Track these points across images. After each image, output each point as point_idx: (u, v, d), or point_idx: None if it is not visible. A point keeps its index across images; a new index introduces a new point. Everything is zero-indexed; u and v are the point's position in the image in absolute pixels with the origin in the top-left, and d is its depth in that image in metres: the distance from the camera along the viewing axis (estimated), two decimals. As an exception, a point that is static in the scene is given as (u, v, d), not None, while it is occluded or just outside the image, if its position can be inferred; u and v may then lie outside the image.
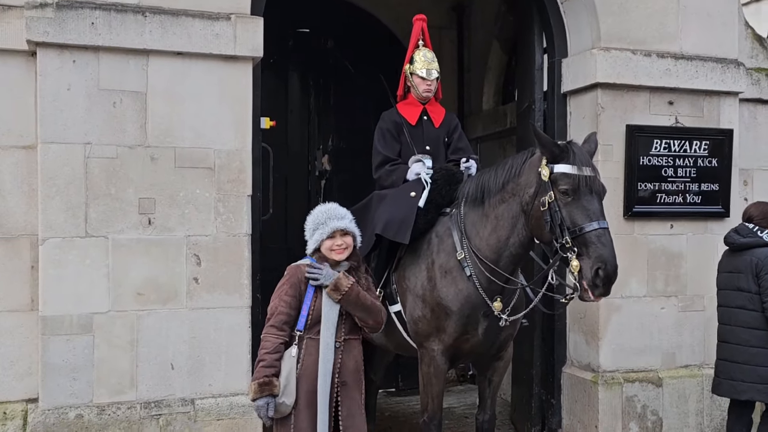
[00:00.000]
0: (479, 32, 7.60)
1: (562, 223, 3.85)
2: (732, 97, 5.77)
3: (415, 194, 4.54)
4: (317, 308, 3.63)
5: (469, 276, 4.24)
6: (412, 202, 4.51)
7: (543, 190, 3.93)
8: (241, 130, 4.70)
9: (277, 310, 3.62)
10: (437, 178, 4.60)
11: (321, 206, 3.82)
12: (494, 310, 4.22)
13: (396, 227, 4.45)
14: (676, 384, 5.60)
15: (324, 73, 7.30)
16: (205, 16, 4.58)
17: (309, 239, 3.76)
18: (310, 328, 3.63)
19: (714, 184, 5.70)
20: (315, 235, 3.73)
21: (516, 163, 4.21)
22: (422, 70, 4.87)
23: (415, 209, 4.47)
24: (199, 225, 4.61)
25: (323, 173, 7.31)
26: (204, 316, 4.63)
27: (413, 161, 4.75)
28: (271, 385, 3.53)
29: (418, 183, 4.62)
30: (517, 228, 4.15)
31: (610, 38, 5.44)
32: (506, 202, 4.18)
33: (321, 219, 3.72)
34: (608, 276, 3.74)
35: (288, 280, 3.68)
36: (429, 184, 4.56)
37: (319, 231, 3.70)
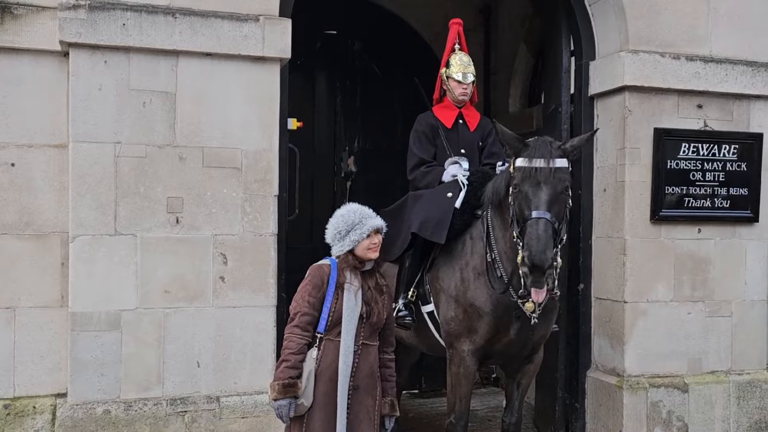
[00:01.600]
0: (506, 35, 7.59)
1: (514, 216, 3.91)
2: (762, 100, 5.70)
3: (452, 195, 4.57)
4: (338, 310, 3.60)
5: (500, 276, 4.23)
6: (449, 203, 4.53)
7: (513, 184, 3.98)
8: (268, 131, 4.74)
9: (301, 311, 3.60)
10: (474, 180, 4.62)
11: (346, 207, 3.78)
12: (526, 311, 4.19)
13: (432, 227, 4.47)
14: (702, 390, 5.54)
15: (351, 75, 7.33)
16: (234, 18, 4.62)
17: (339, 241, 3.69)
18: (330, 329, 3.60)
19: (743, 188, 5.64)
20: (352, 236, 3.66)
21: None
22: (458, 73, 4.92)
23: (452, 210, 4.49)
24: (226, 224, 4.66)
25: (349, 174, 7.34)
26: (230, 315, 4.67)
27: (449, 163, 4.78)
28: (295, 387, 3.52)
29: (455, 184, 4.64)
30: None
31: (639, 41, 5.41)
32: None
33: (355, 219, 3.67)
34: (534, 264, 3.69)
35: (311, 280, 3.65)
36: (466, 185, 4.57)
37: (357, 231, 3.65)
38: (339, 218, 3.72)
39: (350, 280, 3.65)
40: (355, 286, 3.65)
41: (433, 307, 4.56)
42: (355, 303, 3.61)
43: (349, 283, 3.64)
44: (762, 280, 5.73)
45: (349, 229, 3.67)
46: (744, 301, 5.68)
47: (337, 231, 3.70)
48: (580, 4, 5.64)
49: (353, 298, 3.62)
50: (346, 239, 3.67)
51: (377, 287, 3.74)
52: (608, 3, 5.49)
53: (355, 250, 3.68)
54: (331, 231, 3.72)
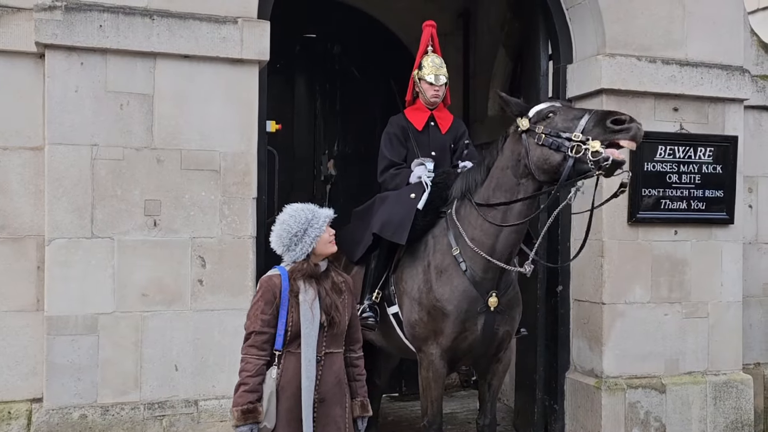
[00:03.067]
0: (485, 38, 7.62)
1: (560, 134, 3.88)
2: (737, 104, 5.77)
3: (415, 196, 4.58)
4: (295, 323, 3.35)
5: (464, 271, 4.27)
6: (411, 204, 4.54)
7: (531, 137, 4.00)
8: (246, 133, 4.72)
9: (255, 329, 3.35)
10: (438, 181, 4.64)
11: (292, 207, 3.48)
12: (490, 306, 4.24)
13: (394, 228, 4.48)
14: (680, 390, 5.59)
15: (330, 78, 7.34)
16: (212, 20, 4.61)
17: (296, 245, 3.40)
18: (290, 343, 3.37)
19: (718, 190, 5.70)
20: (311, 232, 3.38)
21: (494, 148, 4.32)
22: (430, 75, 4.91)
23: (414, 211, 4.51)
24: (204, 227, 4.64)
25: (329, 178, 7.34)
26: (208, 318, 4.65)
27: (416, 164, 4.79)
28: (255, 412, 3.31)
29: (419, 185, 4.66)
30: (515, 207, 4.16)
31: (616, 44, 5.46)
32: (495, 182, 4.22)
33: (308, 215, 3.41)
34: (622, 118, 3.77)
35: (262, 295, 3.38)
36: (429, 186, 4.59)
37: (315, 227, 3.39)
38: (289, 219, 3.42)
39: (305, 290, 3.39)
40: (311, 296, 3.39)
41: (397, 308, 4.57)
42: (312, 315, 3.36)
43: (303, 293, 3.38)
44: (737, 281, 5.79)
45: (306, 227, 3.39)
46: (720, 302, 5.73)
47: (291, 234, 3.40)
48: (558, 8, 5.69)
49: (309, 311, 3.37)
50: (304, 239, 3.39)
51: (335, 288, 3.48)
52: (585, 7, 5.54)
53: (315, 249, 3.42)
54: (283, 237, 3.42)
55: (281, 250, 3.45)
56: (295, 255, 3.42)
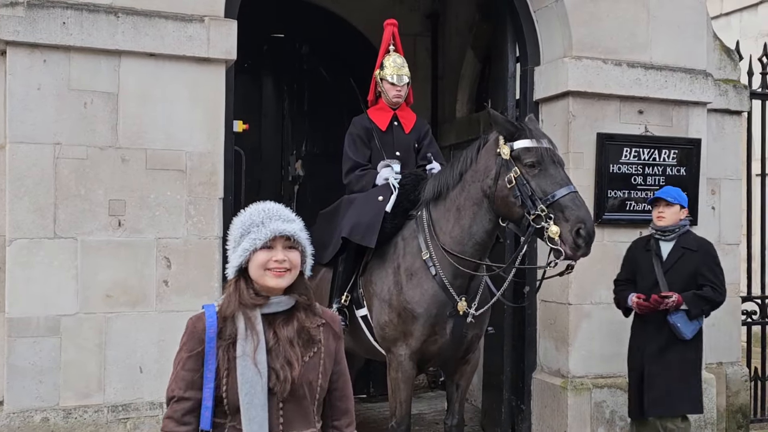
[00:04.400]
0: (454, 40, 7.65)
1: (533, 194, 3.91)
2: (700, 107, 5.85)
3: (382, 198, 4.57)
4: (231, 388, 2.25)
5: (434, 275, 4.28)
6: (380, 206, 4.53)
7: (505, 168, 4.01)
8: (213, 133, 4.68)
9: (175, 394, 2.31)
10: (405, 182, 4.63)
11: (256, 205, 2.41)
12: (459, 310, 4.27)
13: (363, 231, 4.47)
14: (644, 390, 5.65)
15: (298, 78, 7.31)
16: (178, 18, 4.56)
17: (231, 254, 2.38)
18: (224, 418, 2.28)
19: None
20: (243, 244, 2.32)
21: (470, 153, 4.29)
22: (392, 75, 4.90)
23: (382, 213, 4.50)
24: (170, 227, 4.58)
25: (296, 178, 7.31)
26: (174, 319, 4.58)
27: (382, 166, 4.78)
28: None
29: (386, 188, 4.65)
30: (480, 214, 4.20)
31: (582, 47, 5.51)
32: (466, 191, 4.24)
33: (256, 219, 2.33)
34: (589, 234, 3.82)
35: (185, 343, 2.34)
36: (396, 188, 4.59)
37: (251, 236, 2.30)
38: (239, 219, 2.40)
39: (246, 335, 2.26)
40: (254, 341, 2.26)
41: (366, 311, 4.57)
42: (255, 371, 2.23)
43: (243, 341, 2.26)
44: (700, 281, 5.85)
45: (245, 233, 2.33)
46: (683, 302, 5.79)
47: (231, 238, 2.39)
48: (525, 10, 5.72)
49: (251, 364, 2.23)
50: (236, 250, 2.35)
51: (301, 335, 2.33)
52: (552, 10, 5.58)
53: (249, 270, 2.33)
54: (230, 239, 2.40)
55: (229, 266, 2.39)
56: (229, 271, 2.38)
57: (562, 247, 3.83)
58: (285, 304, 2.35)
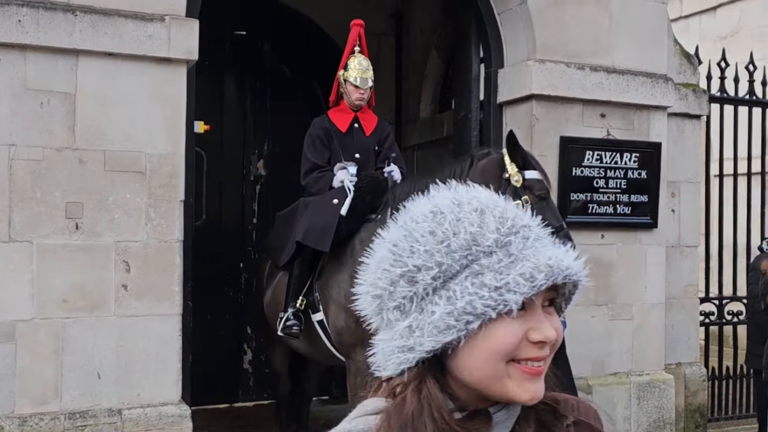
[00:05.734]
0: (418, 40, 7.63)
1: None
2: (661, 111, 5.91)
3: (337, 201, 4.52)
4: None
5: None
6: (335, 210, 4.49)
7: (514, 195, 4.07)
8: (173, 134, 4.59)
9: None
10: (361, 185, 4.59)
11: (451, 195, 1.19)
12: None
13: (317, 235, 4.43)
14: (605, 391, 5.70)
15: (260, 76, 7.22)
16: (138, 17, 4.46)
17: (402, 314, 1.18)
18: None
19: (643, 195, 5.83)
20: (456, 297, 1.10)
21: (460, 167, 4.25)
22: (356, 78, 4.85)
23: (337, 217, 4.45)
24: (129, 230, 4.49)
25: (258, 178, 7.22)
26: (133, 324, 4.51)
27: (338, 168, 4.73)
28: None
29: (341, 190, 4.60)
30: None
31: (546, 51, 5.52)
32: None
33: (488, 237, 1.15)
34: None
35: None
36: (352, 191, 4.54)
37: (485, 278, 1.10)
38: (412, 232, 1.15)
39: None
40: None
41: (322, 315, 4.52)
42: None
43: None
44: (660, 283, 5.94)
45: (454, 270, 1.12)
46: (644, 304, 5.87)
47: (387, 279, 1.17)
48: (489, 13, 5.72)
49: None
50: (429, 308, 1.12)
51: None
52: (516, 13, 5.59)
53: (453, 359, 1.12)
54: (379, 283, 1.18)
55: (372, 317, 1.25)
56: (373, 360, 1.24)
57: None
58: (510, 416, 1.16)
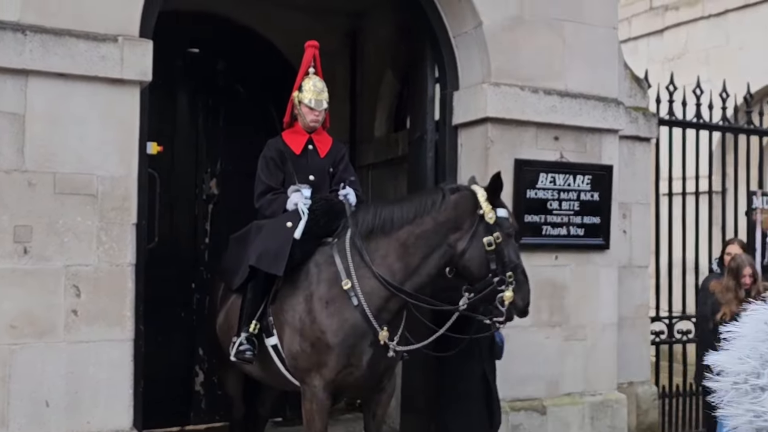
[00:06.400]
0: (372, 59, 7.64)
1: (506, 261, 4.23)
2: (612, 134, 6.02)
3: (291, 225, 4.48)
4: None
5: (356, 305, 4.23)
6: (288, 233, 4.44)
7: (485, 231, 4.21)
8: (126, 156, 4.52)
9: None
10: (315, 208, 4.55)
11: None
12: (380, 339, 4.24)
13: (270, 259, 4.38)
14: (559, 412, 5.76)
15: (214, 95, 7.13)
16: (90, 37, 4.38)
17: None
18: None
19: (596, 217, 5.92)
20: None
21: (432, 200, 4.31)
22: (311, 100, 4.80)
23: (291, 240, 4.40)
24: (80, 254, 4.39)
25: (211, 197, 7.13)
26: (83, 350, 4.40)
27: (291, 191, 4.69)
28: None
29: (295, 213, 4.55)
30: (433, 259, 4.27)
31: (500, 74, 5.59)
32: (420, 234, 4.26)
33: None
34: (527, 306, 4.38)
35: None
36: (306, 214, 4.51)
37: None
38: None
39: None
40: None
41: (276, 340, 4.47)
42: None
43: None
44: (613, 304, 6.03)
45: None
46: (597, 324, 5.95)
47: None
48: (444, 35, 5.76)
49: None
50: None
51: None
52: (471, 37, 5.64)
53: None
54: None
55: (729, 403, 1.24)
56: None
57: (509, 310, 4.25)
58: None
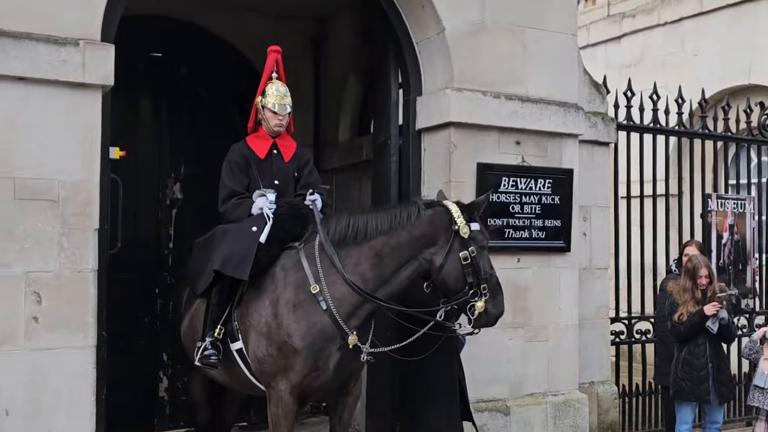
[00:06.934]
0: (336, 64, 7.66)
1: (480, 273, 4.30)
2: (573, 138, 6.12)
3: (256, 229, 4.49)
4: None
5: (325, 309, 4.24)
6: (253, 238, 4.45)
7: (461, 246, 4.28)
8: (88, 161, 4.48)
9: None
10: (281, 212, 4.57)
11: None
12: (349, 344, 4.25)
13: (235, 263, 4.38)
14: (523, 412, 5.82)
15: (177, 99, 7.09)
16: (51, 41, 4.34)
17: None
18: None
19: (557, 220, 6.02)
20: None
21: (407, 213, 4.35)
22: (275, 104, 4.83)
23: (256, 244, 4.41)
24: (41, 260, 4.34)
25: (174, 202, 7.09)
26: (44, 358, 4.34)
27: (257, 196, 4.70)
28: None
29: (260, 218, 4.56)
30: (406, 271, 4.32)
31: (463, 79, 5.65)
32: (395, 245, 4.30)
33: None
34: (500, 314, 4.49)
35: None
36: (271, 218, 4.52)
37: None
38: None
39: None
40: None
41: (242, 344, 4.47)
42: None
43: None
44: (574, 305, 6.12)
45: None
46: (559, 325, 6.04)
47: None
48: (408, 41, 5.81)
49: None
50: None
51: None
52: (434, 42, 5.70)
53: None
54: None
55: None
56: None
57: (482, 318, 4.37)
58: None
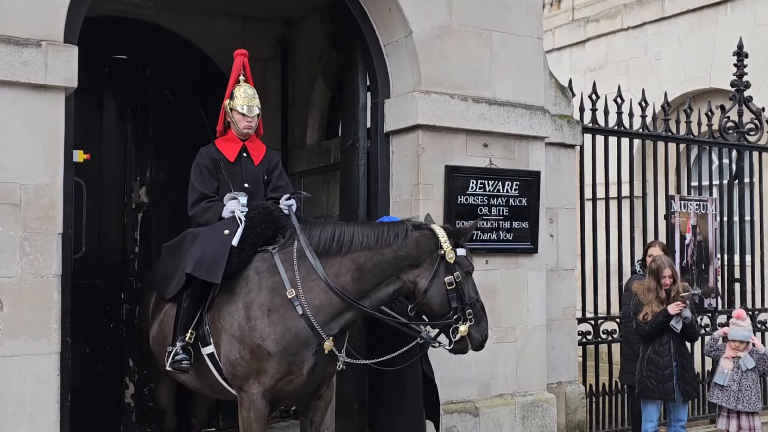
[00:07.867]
0: (304, 67, 7.64)
1: (467, 298, 4.33)
2: (539, 141, 6.17)
3: (228, 232, 4.46)
4: None
5: (301, 314, 4.22)
6: (225, 241, 4.42)
7: (446, 270, 4.28)
8: (51, 164, 4.41)
9: None
10: (252, 216, 4.54)
11: None
12: (324, 349, 4.24)
13: (207, 266, 4.35)
14: (492, 413, 5.85)
15: (142, 102, 7.01)
16: (12, 42, 4.27)
17: None
18: None
19: (524, 222, 6.05)
20: None
21: (394, 233, 4.34)
22: (243, 106, 4.82)
23: (228, 248, 4.39)
24: (2, 266, 4.26)
25: (140, 206, 7.01)
26: (6, 365, 4.27)
27: (228, 199, 4.67)
28: None
29: (232, 221, 4.54)
30: (386, 290, 4.34)
31: (431, 82, 5.66)
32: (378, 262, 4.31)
33: None
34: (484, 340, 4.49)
35: None
36: (243, 222, 4.49)
37: None
38: None
39: None
40: None
41: (213, 348, 4.43)
42: None
43: None
44: (541, 306, 6.16)
45: None
46: (527, 326, 6.07)
47: None
48: (375, 44, 5.81)
49: None
50: None
51: None
52: (402, 46, 5.71)
53: None
54: None
55: None
56: None
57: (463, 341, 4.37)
58: None
